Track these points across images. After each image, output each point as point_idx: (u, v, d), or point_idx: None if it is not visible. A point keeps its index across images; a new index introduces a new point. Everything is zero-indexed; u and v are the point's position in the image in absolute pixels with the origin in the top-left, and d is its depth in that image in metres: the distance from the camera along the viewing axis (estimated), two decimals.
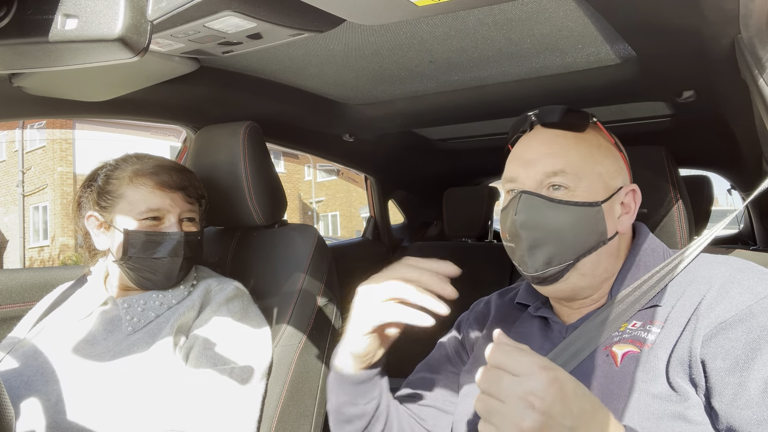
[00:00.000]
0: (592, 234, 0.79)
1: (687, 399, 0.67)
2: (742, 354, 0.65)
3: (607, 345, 0.76)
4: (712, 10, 0.80)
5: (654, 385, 0.69)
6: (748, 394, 0.63)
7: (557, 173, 0.79)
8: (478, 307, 1.04)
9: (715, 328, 0.67)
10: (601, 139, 0.85)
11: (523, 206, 0.80)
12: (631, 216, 0.83)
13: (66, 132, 14.06)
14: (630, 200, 0.83)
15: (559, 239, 0.78)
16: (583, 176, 0.79)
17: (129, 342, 1.06)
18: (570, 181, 0.79)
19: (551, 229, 0.78)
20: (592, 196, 0.79)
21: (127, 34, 0.49)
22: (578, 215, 0.78)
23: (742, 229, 2.85)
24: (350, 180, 16.97)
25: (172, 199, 1.13)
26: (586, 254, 0.79)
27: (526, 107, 0.89)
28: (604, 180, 0.81)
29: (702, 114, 1.49)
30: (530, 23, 1.02)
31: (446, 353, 1.01)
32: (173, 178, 1.14)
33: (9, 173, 15.32)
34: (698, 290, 0.73)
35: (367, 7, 0.74)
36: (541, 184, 0.81)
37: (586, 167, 0.80)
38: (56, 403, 0.98)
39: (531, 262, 0.80)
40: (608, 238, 0.80)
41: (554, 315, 0.87)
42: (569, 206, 0.78)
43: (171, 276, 1.13)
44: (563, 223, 0.78)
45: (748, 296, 0.68)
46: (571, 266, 0.79)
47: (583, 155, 0.81)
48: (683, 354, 0.69)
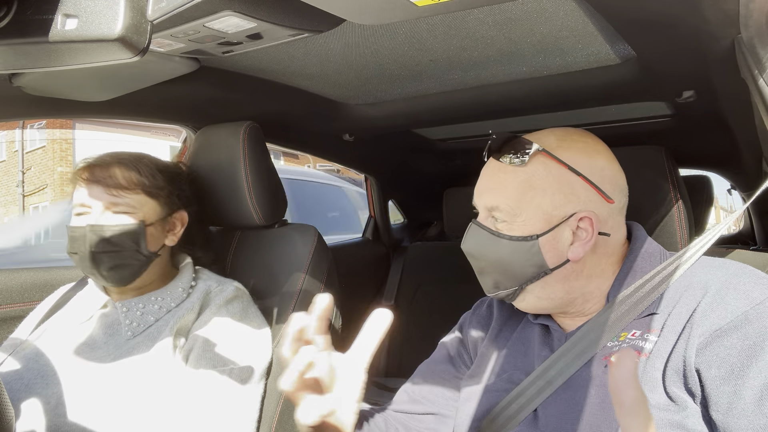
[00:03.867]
0: (528, 266, 0.80)
1: (685, 408, 0.66)
2: (737, 362, 0.64)
3: (606, 355, 0.76)
4: (712, 10, 0.80)
5: (652, 395, 0.68)
6: (744, 403, 0.62)
7: (493, 209, 0.83)
8: (481, 308, 1.04)
9: (711, 335, 0.67)
10: (551, 167, 0.81)
11: (469, 235, 0.86)
12: (584, 243, 0.80)
13: (66, 132, 14.05)
14: (586, 225, 0.80)
15: (499, 268, 0.82)
16: (519, 211, 0.80)
17: (129, 346, 1.06)
18: (506, 216, 0.81)
19: (491, 259, 0.83)
20: (528, 230, 0.80)
21: (127, 34, 0.49)
22: (513, 248, 0.80)
23: (742, 229, 2.85)
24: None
25: (91, 192, 1.09)
26: (529, 282, 0.81)
27: (526, 107, 0.89)
28: (545, 212, 0.80)
29: (702, 114, 1.49)
30: (530, 23, 1.02)
31: (448, 354, 1.01)
32: (94, 172, 1.10)
33: (9, 173, 15.31)
34: (694, 296, 0.72)
35: (367, 7, 0.74)
36: (487, 215, 0.85)
37: (524, 202, 0.80)
38: (56, 406, 0.98)
39: (484, 284, 0.86)
40: (551, 268, 0.80)
41: (554, 323, 0.87)
42: (504, 240, 0.81)
43: (94, 272, 1.08)
44: (500, 254, 0.81)
45: (744, 302, 0.67)
46: (520, 291, 0.83)
47: (520, 189, 0.81)
48: (678, 363, 0.68)
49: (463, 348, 1.00)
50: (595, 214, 0.80)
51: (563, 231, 0.80)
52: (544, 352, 0.84)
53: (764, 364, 0.63)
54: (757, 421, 0.61)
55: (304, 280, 1.28)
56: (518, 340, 0.90)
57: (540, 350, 0.85)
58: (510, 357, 0.88)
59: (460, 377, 0.96)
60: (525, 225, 0.80)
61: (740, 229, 2.87)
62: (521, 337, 0.90)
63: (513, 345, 0.90)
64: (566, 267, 0.81)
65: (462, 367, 0.98)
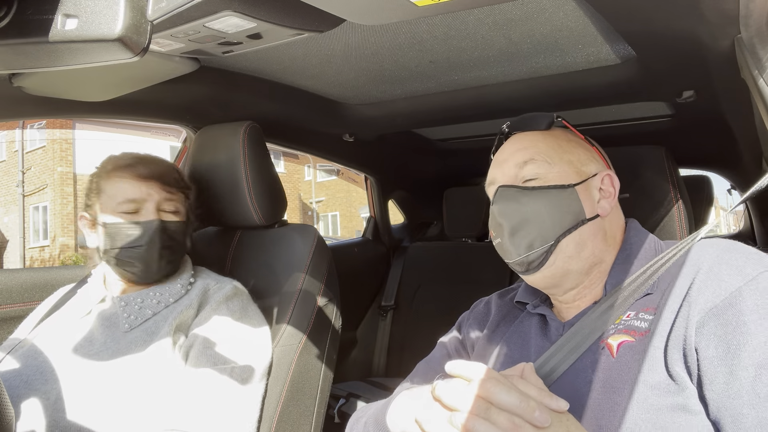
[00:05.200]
0: (567, 214, 0.82)
1: (685, 388, 0.67)
2: (733, 339, 0.64)
3: (603, 338, 0.77)
4: (712, 11, 0.80)
5: (652, 374, 0.69)
6: (739, 383, 0.63)
7: (527, 162, 0.85)
8: (479, 307, 1.05)
9: (707, 313, 0.67)
10: (570, 135, 0.91)
11: (499, 197, 0.86)
12: (611, 200, 0.86)
13: (66, 132, 14.06)
14: (608, 185, 0.87)
15: (536, 222, 0.82)
16: (553, 163, 0.85)
17: (127, 340, 1.06)
18: (540, 168, 0.84)
19: (528, 213, 0.83)
20: (564, 180, 0.84)
21: (127, 34, 0.49)
22: (551, 197, 0.83)
23: (742, 229, 2.85)
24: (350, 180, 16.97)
25: (147, 188, 1.12)
26: (566, 234, 0.82)
27: (526, 107, 0.91)
28: (575, 166, 0.86)
29: (702, 114, 1.49)
30: (530, 23, 1.02)
31: (447, 353, 1.01)
32: (148, 167, 1.14)
33: (9, 173, 15.31)
34: (687, 274, 0.73)
35: (367, 7, 0.74)
36: (515, 177, 0.86)
37: (555, 155, 0.86)
38: (55, 402, 0.98)
39: (514, 249, 0.84)
40: (587, 218, 0.83)
41: (552, 312, 0.88)
42: (542, 190, 0.83)
43: (150, 266, 1.12)
44: (539, 206, 0.83)
45: (738, 278, 0.68)
46: (554, 247, 0.82)
47: (551, 146, 0.87)
48: (678, 341, 0.69)
49: (461, 347, 1.01)
50: (614, 176, 0.88)
51: (592, 186, 0.86)
52: (543, 343, 0.85)
53: (757, 343, 0.63)
54: (751, 400, 0.61)
55: (304, 280, 1.28)
56: (516, 333, 0.91)
57: (538, 342, 0.86)
58: (509, 351, 0.89)
59: None
60: (560, 175, 0.84)
61: (740, 229, 2.87)
62: (519, 330, 0.91)
63: (511, 339, 0.91)
64: (596, 221, 0.84)
65: None
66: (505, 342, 0.91)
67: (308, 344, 1.25)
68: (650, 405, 0.67)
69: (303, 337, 1.24)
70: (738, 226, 2.92)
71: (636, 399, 0.67)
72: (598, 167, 0.89)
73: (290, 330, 1.23)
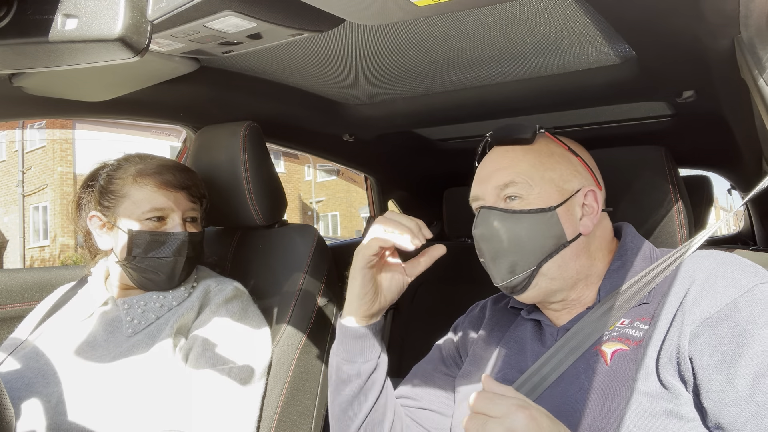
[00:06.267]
0: (549, 238, 0.81)
1: (678, 396, 0.67)
2: (728, 350, 0.65)
3: (597, 345, 0.77)
4: (712, 11, 0.80)
5: (645, 383, 0.69)
6: (736, 391, 0.63)
7: (508, 184, 0.84)
8: (474, 311, 1.06)
9: (702, 324, 0.68)
10: (553, 147, 0.88)
11: (481, 220, 0.85)
12: (593, 217, 0.85)
13: (66, 132, 14.06)
14: (591, 201, 0.85)
15: (517, 247, 0.81)
16: (534, 184, 0.83)
17: (129, 344, 1.05)
18: (521, 190, 0.83)
19: (508, 239, 0.82)
20: (545, 202, 0.82)
21: (127, 34, 0.49)
22: (533, 222, 0.81)
23: (742, 229, 2.85)
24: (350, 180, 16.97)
25: (175, 198, 1.13)
26: (548, 258, 0.81)
27: (526, 107, 0.90)
28: (557, 185, 0.84)
29: (702, 114, 1.49)
30: (530, 23, 1.02)
31: (441, 356, 1.02)
32: (177, 177, 1.14)
33: (9, 173, 15.31)
34: (682, 284, 0.74)
35: (367, 7, 0.74)
36: (497, 197, 0.85)
37: (536, 175, 0.83)
38: (57, 405, 0.98)
39: (497, 273, 0.84)
40: (568, 240, 0.82)
41: (546, 318, 0.88)
42: (523, 214, 0.82)
43: (173, 276, 1.13)
44: (519, 231, 0.81)
45: (733, 290, 0.69)
46: (536, 272, 0.81)
47: (532, 164, 0.84)
48: (671, 351, 0.69)
49: (455, 349, 1.02)
50: (597, 191, 0.86)
51: (574, 204, 0.84)
52: (538, 348, 0.85)
53: (754, 352, 0.63)
54: (750, 409, 0.62)
55: (304, 280, 1.29)
56: (511, 338, 0.91)
57: (533, 347, 0.86)
58: (504, 356, 0.89)
59: (453, 376, 0.97)
60: (541, 197, 0.82)
61: (740, 229, 2.87)
62: (514, 335, 0.91)
63: (506, 344, 0.91)
64: (579, 241, 0.83)
65: (454, 367, 0.99)
66: (501, 347, 0.91)
67: (308, 344, 1.25)
68: (643, 411, 0.67)
69: (303, 337, 1.24)
70: (738, 226, 2.92)
71: (630, 405, 0.68)
72: (581, 182, 0.86)
73: (290, 330, 1.23)
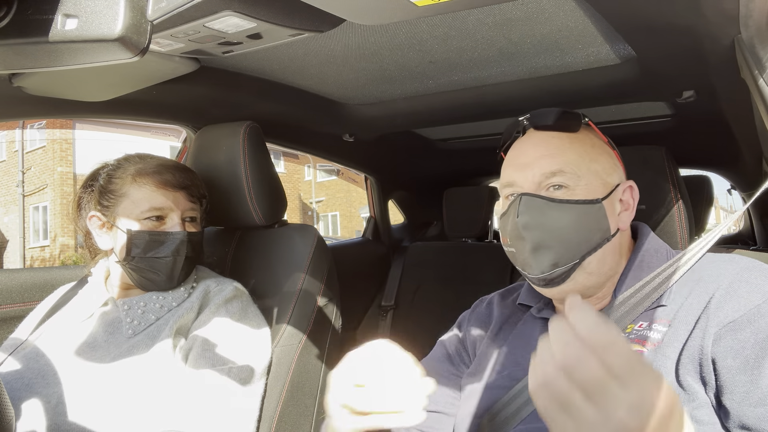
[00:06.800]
0: (595, 232, 0.79)
1: (695, 399, 0.67)
2: (752, 354, 0.65)
3: None
4: (712, 10, 0.80)
5: None
6: (761, 392, 0.63)
7: (556, 173, 0.79)
8: (480, 307, 1.04)
9: (725, 327, 0.68)
10: (595, 139, 0.85)
11: (524, 208, 0.79)
12: (630, 212, 0.84)
13: (66, 132, 14.05)
14: (628, 197, 0.84)
15: (563, 239, 0.78)
16: (582, 175, 0.80)
17: (129, 344, 1.05)
18: (569, 180, 0.79)
19: (554, 229, 0.78)
20: (592, 194, 0.79)
21: (127, 34, 0.49)
22: (581, 213, 0.78)
23: (742, 229, 2.85)
24: (350, 180, 16.97)
25: (174, 198, 1.13)
26: (592, 252, 0.79)
27: (526, 107, 0.89)
28: (601, 177, 0.82)
29: (702, 114, 1.49)
30: (530, 23, 1.02)
31: (447, 352, 1.00)
32: (176, 177, 1.14)
33: (9, 173, 15.31)
34: (706, 289, 0.73)
35: (367, 7, 0.74)
36: (539, 185, 0.80)
37: (583, 166, 0.80)
38: (57, 405, 0.98)
39: (536, 264, 0.79)
40: (611, 235, 0.80)
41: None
42: (571, 205, 0.78)
43: (173, 276, 1.13)
44: (566, 222, 0.78)
45: (757, 296, 0.69)
46: (578, 265, 0.79)
47: (579, 154, 0.81)
48: (694, 352, 0.69)
49: (462, 346, 1.00)
50: (635, 186, 0.85)
51: (615, 199, 0.82)
52: None
53: None
54: None
55: (304, 280, 1.28)
56: (519, 336, 0.90)
57: None
58: (511, 354, 0.88)
59: (459, 375, 0.96)
60: (587, 189, 0.79)
61: (740, 229, 2.87)
62: (522, 333, 0.90)
63: (513, 342, 0.90)
64: (617, 237, 0.81)
65: (461, 365, 0.98)
66: (509, 344, 0.90)
67: (308, 344, 1.25)
68: None
69: (303, 337, 1.24)
70: (738, 226, 2.92)
71: None
72: (619, 176, 0.85)
73: (290, 330, 1.23)
